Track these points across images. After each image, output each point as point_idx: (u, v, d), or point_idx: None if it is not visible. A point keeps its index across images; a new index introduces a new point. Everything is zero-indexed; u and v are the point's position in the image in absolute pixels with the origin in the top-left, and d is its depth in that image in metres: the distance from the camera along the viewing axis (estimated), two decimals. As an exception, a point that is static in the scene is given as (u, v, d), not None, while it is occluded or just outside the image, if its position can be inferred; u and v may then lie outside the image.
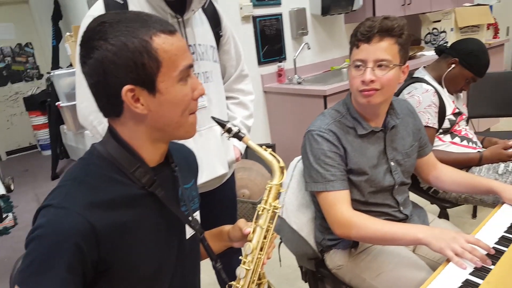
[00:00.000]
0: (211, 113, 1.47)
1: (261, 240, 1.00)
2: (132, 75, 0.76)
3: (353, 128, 1.35)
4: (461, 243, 1.07)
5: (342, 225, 1.27)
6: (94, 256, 0.77)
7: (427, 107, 1.86)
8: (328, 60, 3.61)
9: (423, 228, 1.18)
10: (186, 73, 0.82)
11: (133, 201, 0.84)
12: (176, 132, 0.86)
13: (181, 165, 0.99)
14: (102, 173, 0.83)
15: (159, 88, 0.79)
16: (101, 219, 0.77)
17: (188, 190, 1.02)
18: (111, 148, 0.84)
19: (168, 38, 0.79)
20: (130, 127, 0.84)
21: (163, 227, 0.90)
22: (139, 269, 0.86)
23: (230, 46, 1.60)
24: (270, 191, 1.01)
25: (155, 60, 0.77)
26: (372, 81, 1.24)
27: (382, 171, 1.37)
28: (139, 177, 0.84)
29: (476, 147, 2.00)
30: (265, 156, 0.99)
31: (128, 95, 0.77)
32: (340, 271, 1.45)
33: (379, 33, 1.22)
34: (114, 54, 0.75)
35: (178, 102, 0.82)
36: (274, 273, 2.43)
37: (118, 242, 0.80)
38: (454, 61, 1.95)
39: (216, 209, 1.64)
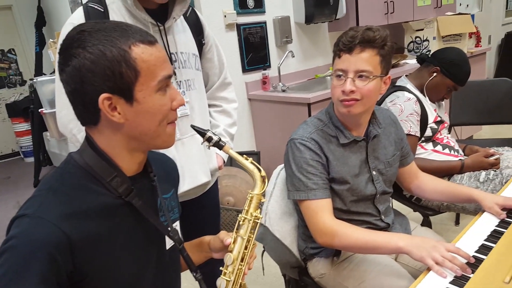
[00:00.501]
0: (193, 121, 1.46)
1: (242, 250, 0.99)
2: (109, 83, 0.76)
3: (335, 137, 1.35)
4: (441, 251, 1.07)
5: (324, 233, 1.27)
6: (69, 266, 0.75)
7: (409, 116, 1.87)
8: (312, 68, 3.63)
9: (404, 236, 1.19)
10: (165, 83, 0.82)
11: (110, 211, 0.83)
12: (153, 141, 0.85)
13: (160, 174, 0.98)
14: (78, 182, 0.82)
15: (137, 97, 0.79)
16: (76, 229, 0.76)
17: (167, 200, 1.01)
18: (87, 157, 0.84)
19: (147, 48, 0.79)
20: (107, 136, 0.83)
21: (141, 238, 0.89)
22: (116, 280, 0.84)
23: (213, 54, 1.59)
24: (251, 201, 1.00)
25: (133, 69, 0.77)
26: (352, 92, 1.24)
27: (364, 180, 1.38)
28: (116, 187, 0.84)
29: (458, 155, 2.02)
30: (246, 165, 0.98)
31: (105, 103, 0.77)
32: (323, 280, 1.44)
33: (361, 44, 1.23)
34: (92, 62, 0.75)
35: (156, 112, 0.81)
36: (258, 281, 2.41)
37: (94, 252, 0.79)
38: (435, 70, 1.97)
39: (199, 217, 1.62)
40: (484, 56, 4.23)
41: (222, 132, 1.63)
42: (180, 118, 1.42)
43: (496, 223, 1.27)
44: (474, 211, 1.85)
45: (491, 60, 5.96)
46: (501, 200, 1.32)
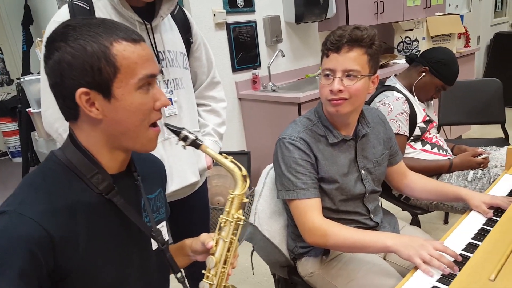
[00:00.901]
0: (181, 120, 1.45)
1: (224, 253, 0.97)
2: (88, 78, 0.76)
3: (324, 136, 1.35)
4: (429, 250, 1.08)
5: (313, 233, 1.27)
6: (49, 264, 0.75)
7: (398, 115, 1.88)
8: (303, 68, 3.63)
9: (392, 235, 1.19)
10: (146, 82, 0.81)
11: (91, 208, 0.82)
12: (132, 143, 0.84)
13: (146, 174, 0.97)
14: (59, 179, 0.82)
15: (115, 94, 0.78)
16: (57, 226, 0.75)
17: (152, 200, 0.99)
18: (69, 154, 0.83)
19: (130, 45, 0.79)
20: (87, 132, 0.83)
21: (122, 237, 0.88)
22: (97, 279, 0.83)
23: (201, 53, 1.58)
24: (232, 202, 0.97)
25: (112, 65, 0.77)
26: (340, 91, 1.24)
27: (353, 179, 1.38)
28: (97, 184, 0.83)
29: (446, 154, 2.03)
30: (226, 164, 0.94)
31: (82, 98, 0.77)
32: (312, 279, 1.44)
33: (349, 43, 1.22)
34: (72, 56, 0.75)
35: (135, 111, 0.80)
36: (248, 280, 2.41)
37: (75, 250, 0.78)
38: (424, 70, 1.98)
39: (189, 217, 1.62)
40: (473, 57, 4.27)
41: (211, 132, 1.62)
42: (168, 117, 1.41)
43: (483, 221, 1.28)
44: (462, 209, 1.87)
45: (480, 61, 6.01)
46: (488, 198, 1.33)
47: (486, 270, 0.97)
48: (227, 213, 0.97)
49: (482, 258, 1.02)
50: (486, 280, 0.94)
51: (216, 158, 0.93)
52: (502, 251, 1.03)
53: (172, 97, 1.42)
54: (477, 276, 0.95)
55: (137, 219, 0.89)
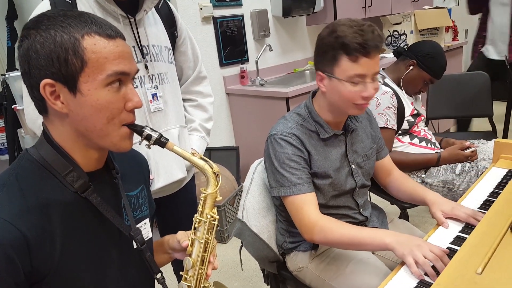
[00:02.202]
0: (167, 116, 1.43)
1: (201, 253, 0.95)
2: (53, 69, 0.74)
3: (315, 132, 1.33)
4: (424, 252, 1.05)
5: (310, 229, 1.24)
6: (26, 266, 0.73)
7: (386, 109, 1.88)
8: (291, 62, 3.62)
9: (390, 233, 1.16)
10: (116, 79, 0.78)
11: (66, 207, 0.80)
12: (101, 141, 0.81)
13: (126, 171, 0.95)
14: (33, 177, 0.79)
15: (81, 88, 0.76)
16: (31, 227, 0.73)
17: (133, 197, 0.97)
18: (42, 151, 0.81)
19: (102, 40, 0.76)
20: (57, 127, 0.81)
21: (100, 237, 0.86)
22: (75, 281, 0.81)
23: (187, 47, 1.56)
24: (205, 201, 0.94)
25: (80, 58, 0.75)
26: None
27: (344, 174, 1.37)
28: (72, 182, 0.81)
29: (434, 148, 2.04)
30: (195, 162, 0.89)
31: (46, 89, 0.75)
32: (301, 273, 1.43)
33: (378, 47, 1.19)
34: (40, 45, 0.74)
35: (102, 108, 0.77)
36: (238, 276, 2.40)
37: (51, 251, 0.76)
38: (412, 63, 1.98)
39: (176, 214, 1.60)
40: (461, 50, 4.29)
41: (198, 127, 1.61)
42: (153, 113, 1.39)
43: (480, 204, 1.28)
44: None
45: (468, 54, 6.03)
46: (449, 209, 1.27)
47: (473, 263, 0.96)
48: (201, 213, 0.94)
49: (469, 251, 1.02)
50: (473, 273, 0.93)
51: (184, 155, 0.88)
52: (489, 244, 1.03)
53: (157, 92, 1.39)
54: (463, 269, 0.95)
55: (115, 218, 0.87)
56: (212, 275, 2.38)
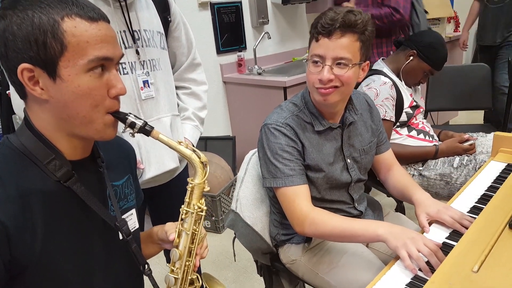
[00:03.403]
0: (158, 103, 1.40)
1: (188, 245, 0.92)
2: (31, 53, 0.71)
3: (310, 123, 1.30)
4: (418, 245, 1.02)
5: (301, 222, 1.22)
6: (5, 255, 0.71)
7: (385, 100, 1.84)
8: (290, 51, 3.57)
9: (383, 224, 1.14)
10: (99, 64, 0.75)
11: (48, 197, 0.77)
12: (84, 128, 0.78)
13: (112, 159, 0.92)
14: (13, 165, 0.76)
15: (61, 73, 0.72)
16: (11, 216, 0.71)
17: (119, 187, 0.94)
18: (23, 138, 0.78)
19: (83, 23, 0.72)
20: (37, 114, 0.78)
21: (84, 228, 0.83)
22: (58, 272, 0.79)
23: (181, 33, 1.52)
24: (192, 192, 0.91)
25: (59, 42, 0.71)
26: (330, 80, 1.18)
27: (338, 168, 1.33)
28: (53, 170, 0.78)
29: (432, 140, 2.01)
30: (182, 151, 0.87)
31: (24, 74, 0.72)
32: (294, 266, 1.41)
33: (341, 28, 1.14)
34: (17, 26, 0.70)
35: (83, 95, 0.74)
36: (232, 266, 2.39)
37: (32, 241, 0.74)
38: (412, 53, 1.94)
39: (168, 204, 1.58)
40: (462, 41, 4.23)
41: (191, 116, 1.57)
42: (144, 100, 1.35)
43: (468, 209, 1.24)
44: (447, 196, 1.85)
45: (469, 46, 5.98)
46: (434, 211, 1.21)
47: (470, 260, 0.94)
48: (187, 203, 0.92)
49: (466, 247, 0.99)
50: (469, 271, 0.91)
51: (170, 144, 0.85)
52: (487, 241, 1.00)
53: (149, 79, 1.35)
54: (460, 266, 0.92)
55: (99, 208, 0.84)
56: (206, 265, 2.38)
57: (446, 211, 1.19)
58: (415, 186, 1.37)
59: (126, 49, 1.29)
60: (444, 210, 1.20)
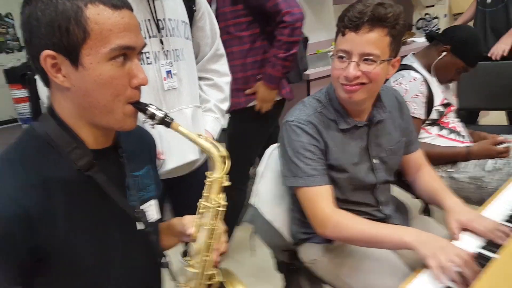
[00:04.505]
0: (181, 94, 1.38)
1: (206, 240, 0.91)
2: (54, 39, 0.71)
3: (334, 121, 1.24)
4: (449, 255, 0.95)
5: (323, 224, 1.18)
6: (29, 243, 0.72)
7: (414, 97, 1.77)
8: (314, 43, 3.49)
9: (412, 231, 1.08)
10: (121, 53, 0.74)
11: (69, 185, 0.78)
12: (104, 118, 0.78)
13: (133, 149, 0.92)
14: (36, 153, 0.77)
15: (83, 61, 0.72)
16: (34, 203, 0.72)
17: (138, 178, 0.94)
18: (47, 126, 0.79)
19: (107, 10, 0.72)
20: (59, 102, 0.79)
21: (103, 216, 0.84)
22: (78, 260, 0.80)
23: (205, 22, 1.49)
24: (211, 186, 0.89)
25: (82, 29, 0.71)
26: (357, 77, 1.12)
27: (363, 169, 1.28)
28: (75, 159, 0.78)
29: (464, 141, 1.92)
30: (201, 144, 0.85)
31: (47, 61, 0.72)
32: (314, 265, 1.38)
33: (370, 22, 1.07)
34: (42, 12, 0.70)
35: (105, 83, 0.74)
36: (249, 260, 2.36)
37: (53, 228, 0.75)
38: (445, 49, 1.85)
39: (188, 196, 1.55)
40: (496, 38, 4.05)
41: (213, 108, 1.55)
42: (167, 91, 1.34)
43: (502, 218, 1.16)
44: (478, 201, 1.77)
45: (504, 42, 5.76)
46: (465, 219, 1.14)
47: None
48: (206, 198, 0.90)
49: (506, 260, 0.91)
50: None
51: (190, 137, 0.84)
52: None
53: (172, 70, 1.34)
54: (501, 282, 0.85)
55: (119, 198, 0.84)
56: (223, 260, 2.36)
57: (478, 220, 1.13)
58: (446, 191, 1.30)
59: (150, 39, 1.28)
60: (476, 218, 1.14)
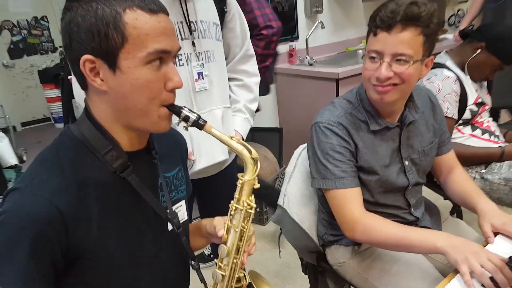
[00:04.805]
0: (212, 95, 1.40)
1: (236, 242, 0.91)
2: (94, 44, 0.72)
3: (365, 122, 1.22)
4: (481, 260, 0.93)
5: (352, 227, 1.16)
6: (62, 242, 0.74)
7: (447, 96, 1.72)
8: (343, 41, 3.46)
9: (443, 235, 1.06)
10: (157, 57, 0.75)
11: (104, 186, 0.79)
12: (140, 120, 0.79)
13: (165, 151, 0.93)
14: (73, 155, 0.79)
15: (121, 65, 0.74)
16: (69, 204, 0.74)
17: (170, 179, 0.95)
18: (84, 128, 0.80)
19: (144, 15, 0.73)
20: (96, 105, 0.80)
21: (136, 217, 0.85)
22: (111, 259, 0.81)
23: (236, 24, 1.50)
24: (242, 188, 0.89)
25: (120, 34, 0.72)
26: (389, 78, 1.09)
27: (395, 171, 1.25)
28: (111, 161, 0.80)
29: (498, 141, 1.86)
30: (233, 146, 0.85)
31: (86, 65, 0.74)
32: (342, 268, 1.36)
33: (403, 21, 1.04)
34: (82, 18, 0.72)
35: (141, 87, 0.75)
36: (274, 260, 2.37)
37: (88, 228, 0.77)
38: (480, 46, 1.79)
39: (216, 196, 1.58)
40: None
41: (242, 108, 1.57)
42: (198, 92, 1.36)
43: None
44: (511, 203, 1.71)
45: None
46: (499, 223, 1.12)
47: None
48: (237, 200, 0.90)
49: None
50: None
51: (222, 139, 0.84)
52: None
53: (203, 71, 1.36)
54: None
55: (152, 200, 0.86)
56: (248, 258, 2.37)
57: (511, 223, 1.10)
58: (479, 194, 1.26)
59: (183, 41, 1.30)
60: (510, 222, 1.10)
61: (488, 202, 1.21)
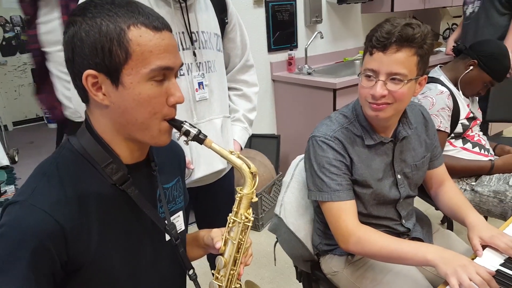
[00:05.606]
0: (211, 105, 1.41)
1: (233, 254, 0.93)
2: (97, 59, 0.72)
3: (360, 137, 1.26)
4: (470, 273, 0.97)
5: (346, 239, 1.20)
6: (62, 255, 0.74)
7: (440, 110, 1.77)
8: (341, 51, 3.50)
9: (434, 248, 1.09)
10: (160, 73, 0.76)
11: (104, 199, 0.80)
12: (140, 134, 0.79)
13: (164, 162, 0.94)
14: (73, 168, 0.79)
15: (123, 81, 0.74)
16: (69, 217, 0.74)
17: (168, 190, 0.96)
18: (83, 140, 0.80)
19: (148, 32, 0.73)
20: (97, 118, 0.80)
21: (136, 229, 0.86)
22: (110, 271, 0.82)
23: (236, 34, 1.52)
24: (240, 201, 0.91)
25: (124, 50, 0.72)
26: (383, 96, 1.13)
27: (387, 184, 1.29)
28: (111, 174, 0.80)
29: (488, 154, 1.91)
30: (233, 160, 0.86)
31: (88, 80, 0.74)
32: (335, 277, 1.39)
33: (397, 42, 1.08)
34: (86, 33, 0.72)
35: (144, 102, 0.75)
36: (269, 266, 2.40)
37: (87, 241, 0.77)
38: (472, 63, 1.85)
39: (214, 204, 1.59)
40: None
41: (241, 118, 1.58)
42: (198, 102, 1.37)
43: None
44: (500, 214, 1.76)
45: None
46: (487, 236, 1.15)
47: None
48: (235, 213, 0.92)
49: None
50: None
51: (222, 153, 0.86)
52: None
53: (204, 81, 1.37)
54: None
55: (151, 211, 0.86)
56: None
57: (500, 237, 1.13)
58: (468, 207, 1.30)
59: (184, 51, 1.31)
60: (498, 235, 1.14)
61: (477, 216, 1.25)
